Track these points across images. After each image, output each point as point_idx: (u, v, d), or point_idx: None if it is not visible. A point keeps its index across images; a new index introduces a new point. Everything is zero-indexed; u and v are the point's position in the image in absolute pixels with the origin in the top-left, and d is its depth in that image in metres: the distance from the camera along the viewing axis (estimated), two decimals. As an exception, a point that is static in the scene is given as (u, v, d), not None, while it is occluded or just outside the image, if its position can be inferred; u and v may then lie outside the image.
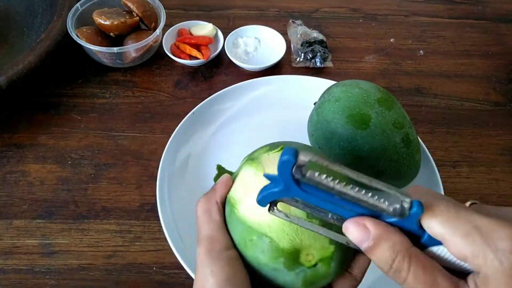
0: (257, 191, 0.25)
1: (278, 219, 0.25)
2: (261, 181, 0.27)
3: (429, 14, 0.70)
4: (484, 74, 0.62)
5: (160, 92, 0.58)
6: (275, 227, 0.26)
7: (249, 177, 0.29)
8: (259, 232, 0.26)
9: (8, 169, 0.50)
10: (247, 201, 0.27)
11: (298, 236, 0.26)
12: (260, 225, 0.26)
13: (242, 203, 0.28)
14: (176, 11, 0.68)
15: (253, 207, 0.26)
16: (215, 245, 0.27)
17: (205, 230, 0.28)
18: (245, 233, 0.27)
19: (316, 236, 0.26)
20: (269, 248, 0.26)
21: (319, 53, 0.60)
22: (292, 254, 0.26)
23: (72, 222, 0.46)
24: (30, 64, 0.51)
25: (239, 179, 0.30)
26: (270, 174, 0.24)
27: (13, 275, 0.42)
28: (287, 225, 0.26)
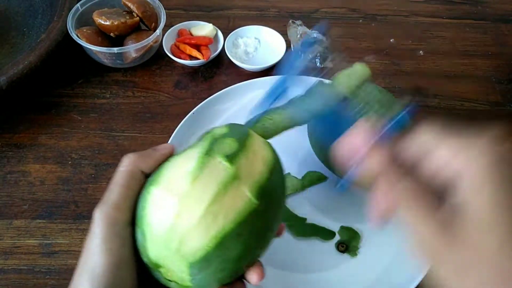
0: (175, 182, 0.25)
1: (167, 233, 0.25)
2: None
3: (429, 15, 0.70)
4: (484, 74, 0.62)
5: (160, 92, 0.58)
6: (155, 239, 0.25)
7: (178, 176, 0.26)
8: (142, 227, 0.26)
9: (8, 169, 0.50)
10: (161, 199, 0.26)
11: (165, 260, 0.25)
12: (147, 223, 0.25)
13: (157, 188, 0.26)
14: (176, 11, 0.68)
15: (159, 211, 0.25)
16: (120, 216, 0.25)
17: (118, 193, 0.26)
18: (140, 221, 0.26)
19: (177, 266, 0.25)
20: (141, 248, 0.26)
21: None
22: (154, 265, 0.26)
23: (72, 222, 0.46)
24: (30, 64, 0.51)
25: (174, 168, 0.27)
26: None
27: (13, 275, 0.42)
28: (169, 248, 0.24)
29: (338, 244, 0.44)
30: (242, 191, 0.25)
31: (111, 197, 0.26)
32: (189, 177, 0.25)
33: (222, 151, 0.27)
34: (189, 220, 0.24)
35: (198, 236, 0.24)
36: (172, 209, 0.24)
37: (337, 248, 0.44)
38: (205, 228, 0.24)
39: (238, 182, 0.25)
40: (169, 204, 0.25)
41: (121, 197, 0.26)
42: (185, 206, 0.24)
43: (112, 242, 0.24)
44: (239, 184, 0.25)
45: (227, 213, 0.24)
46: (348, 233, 0.44)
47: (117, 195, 0.26)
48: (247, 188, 0.25)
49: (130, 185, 0.27)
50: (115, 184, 0.27)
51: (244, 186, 0.25)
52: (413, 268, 0.41)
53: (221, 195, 0.25)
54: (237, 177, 0.25)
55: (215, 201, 0.24)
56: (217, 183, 0.25)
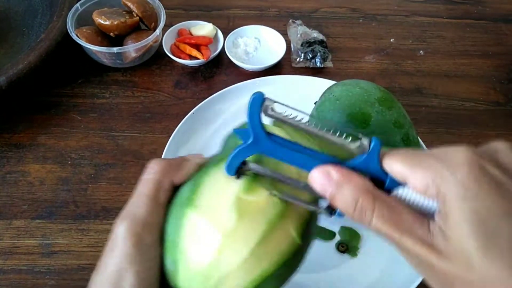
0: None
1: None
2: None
3: (429, 14, 0.70)
4: (484, 74, 0.62)
5: (160, 92, 0.58)
6: (192, 272, 0.23)
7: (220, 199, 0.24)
8: (175, 255, 0.24)
9: (8, 169, 0.50)
10: (204, 230, 0.23)
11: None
12: (182, 252, 0.23)
13: (196, 214, 0.23)
14: (176, 11, 0.68)
15: (201, 243, 0.23)
16: (147, 235, 0.23)
17: (145, 207, 0.23)
18: (172, 246, 0.24)
19: None
20: (171, 276, 0.24)
21: (319, 53, 0.60)
22: None
23: (72, 222, 0.46)
24: (30, 64, 0.51)
25: (215, 190, 0.24)
26: (239, 128, 0.23)
27: (13, 275, 0.42)
28: (206, 285, 0.23)
29: (339, 245, 0.44)
30: (288, 231, 0.24)
31: (137, 211, 0.23)
32: (235, 210, 0.23)
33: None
34: (232, 260, 0.23)
35: (240, 277, 0.23)
36: (215, 244, 0.23)
37: (338, 248, 0.44)
38: (248, 270, 0.23)
39: (285, 221, 0.24)
40: (211, 238, 0.23)
41: (148, 211, 0.23)
42: (229, 244, 0.23)
43: (140, 265, 0.22)
44: (286, 223, 0.24)
45: (272, 256, 0.23)
46: (348, 233, 0.44)
47: (144, 209, 0.23)
48: (293, 227, 0.24)
49: (158, 198, 0.24)
50: (140, 195, 0.24)
51: (290, 225, 0.24)
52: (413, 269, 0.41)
53: (268, 235, 0.23)
54: (285, 215, 0.24)
55: (261, 242, 0.23)
56: (265, 221, 0.23)
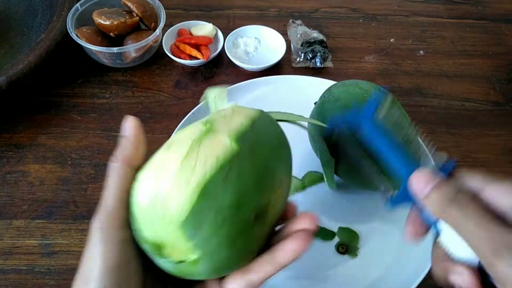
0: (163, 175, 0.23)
1: (150, 209, 0.23)
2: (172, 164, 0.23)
3: (429, 14, 0.70)
4: (484, 74, 0.62)
5: (160, 92, 0.58)
6: (143, 215, 0.23)
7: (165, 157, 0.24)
8: (132, 213, 0.24)
9: (8, 169, 0.50)
10: (145, 178, 0.24)
11: (159, 233, 0.23)
12: (137, 209, 0.24)
13: (140, 179, 0.24)
14: (176, 11, 0.68)
15: (143, 187, 0.24)
16: (112, 221, 0.24)
17: (110, 198, 0.25)
18: (131, 209, 0.25)
19: (172, 236, 0.23)
20: (137, 234, 0.24)
21: (319, 53, 0.60)
22: (155, 246, 0.24)
23: (72, 222, 0.46)
24: (30, 64, 0.51)
25: (159, 152, 0.25)
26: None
27: (13, 275, 0.42)
28: (157, 218, 0.23)
29: (338, 246, 0.44)
30: (219, 139, 0.24)
31: (105, 204, 0.25)
32: (165, 147, 0.25)
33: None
34: (166, 180, 0.23)
35: (179, 191, 0.22)
36: (152, 179, 0.23)
37: (337, 249, 0.43)
38: (184, 182, 0.22)
39: (214, 134, 0.24)
40: (149, 177, 0.24)
41: (114, 200, 0.25)
42: (160, 170, 0.23)
43: (108, 245, 0.23)
44: (215, 135, 0.24)
45: (205, 161, 0.23)
46: (347, 234, 0.44)
47: (110, 199, 0.25)
48: (225, 135, 0.24)
49: (119, 185, 0.25)
50: (106, 188, 0.26)
51: (221, 135, 0.24)
52: (414, 268, 0.41)
53: (196, 148, 0.23)
54: (212, 130, 0.24)
55: (189, 154, 0.23)
56: (190, 139, 0.24)
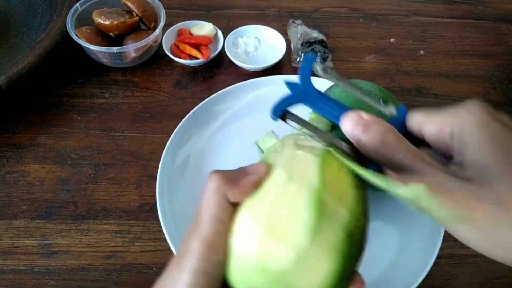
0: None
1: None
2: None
3: (429, 14, 0.70)
4: (484, 74, 0.62)
5: (159, 92, 0.58)
6: (242, 267, 0.23)
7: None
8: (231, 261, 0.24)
9: (7, 169, 0.49)
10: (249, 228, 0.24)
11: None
12: (237, 257, 0.24)
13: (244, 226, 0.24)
14: (176, 11, 0.68)
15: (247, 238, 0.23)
16: (213, 255, 0.24)
17: (211, 227, 0.24)
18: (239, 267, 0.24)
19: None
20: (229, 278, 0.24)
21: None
22: None
23: (72, 222, 0.46)
24: (29, 64, 0.51)
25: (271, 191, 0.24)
26: (290, 80, 0.28)
27: (13, 276, 0.42)
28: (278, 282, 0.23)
29: None
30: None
31: (201, 229, 0.24)
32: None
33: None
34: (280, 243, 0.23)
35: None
36: (259, 234, 0.23)
37: None
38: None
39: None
40: (256, 230, 0.23)
41: (214, 232, 0.24)
42: (272, 230, 0.23)
43: (201, 279, 0.23)
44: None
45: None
46: None
47: (211, 229, 0.24)
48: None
49: (222, 218, 0.24)
50: (205, 212, 0.25)
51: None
52: (414, 268, 0.41)
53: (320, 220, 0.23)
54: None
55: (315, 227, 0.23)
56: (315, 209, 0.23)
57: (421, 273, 0.40)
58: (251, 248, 0.23)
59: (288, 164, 0.25)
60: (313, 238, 0.22)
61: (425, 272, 0.40)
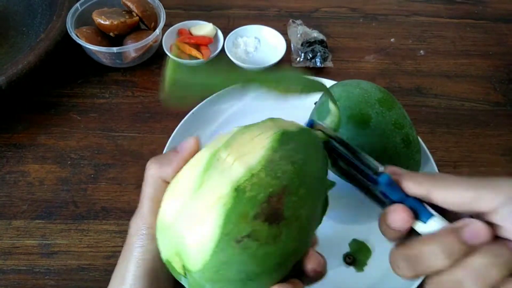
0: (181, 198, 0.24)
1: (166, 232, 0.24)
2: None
3: (429, 14, 0.70)
4: (484, 74, 0.62)
5: (160, 92, 0.58)
6: (162, 234, 0.25)
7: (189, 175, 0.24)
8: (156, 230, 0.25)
9: (7, 169, 0.49)
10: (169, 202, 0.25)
11: (168, 249, 0.24)
12: (159, 226, 0.25)
13: (166, 200, 0.25)
14: (176, 11, 0.68)
15: (167, 208, 0.24)
16: (147, 230, 0.27)
17: (147, 207, 0.27)
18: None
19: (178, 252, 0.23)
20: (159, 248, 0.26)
21: (319, 53, 0.60)
22: (168, 263, 0.25)
23: (72, 222, 0.46)
24: (29, 64, 0.51)
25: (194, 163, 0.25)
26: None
27: (13, 276, 0.42)
28: (168, 236, 0.24)
29: (346, 256, 0.43)
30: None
31: (142, 212, 0.27)
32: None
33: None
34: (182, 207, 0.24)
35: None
36: (172, 203, 0.24)
37: (344, 259, 0.43)
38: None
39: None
40: (169, 201, 0.25)
41: (150, 211, 0.27)
42: (175, 195, 0.24)
43: (142, 252, 0.26)
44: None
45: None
46: (359, 247, 0.43)
47: (147, 209, 0.27)
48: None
49: (157, 197, 0.26)
50: (143, 196, 0.28)
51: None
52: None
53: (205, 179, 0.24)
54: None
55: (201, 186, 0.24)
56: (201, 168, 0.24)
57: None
58: (160, 212, 0.25)
59: (215, 140, 0.26)
60: (195, 191, 0.23)
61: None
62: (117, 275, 0.27)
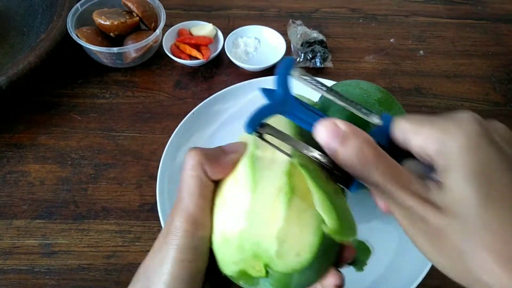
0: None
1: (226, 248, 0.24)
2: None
3: (429, 14, 0.70)
4: (484, 74, 0.62)
5: (160, 92, 0.58)
6: (225, 251, 0.24)
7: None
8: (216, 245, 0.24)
9: (8, 169, 0.50)
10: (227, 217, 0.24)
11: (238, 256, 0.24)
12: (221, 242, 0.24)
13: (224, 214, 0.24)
14: (176, 11, 0.68)
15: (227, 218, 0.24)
16: (199, 231, 0.24)
17: (194, 205, 0.24)
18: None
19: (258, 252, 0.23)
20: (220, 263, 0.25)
21: (319, 53, 0.60)
22: (241, 272, 0.24)
23: (72, 222, 0.46)
24: (30, 64, 0.51)
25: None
26: (267, 88, 0.25)
27: (13, 275, 0.42)
28: (235, 246, 0.23)
29: None
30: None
31: (183, 207, 0.24)
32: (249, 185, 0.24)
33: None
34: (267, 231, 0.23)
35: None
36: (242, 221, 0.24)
37: None
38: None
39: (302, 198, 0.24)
40: (236, 218, 0.24)
41: (197, 209, 0.24)
42: (255, 217, 0.24)
43: (187, 254, 0.24)
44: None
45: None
46: (360, 247, 0.43)
47: (192, 204, 0.24)
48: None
49: (204, 195, 0.25)
50: (184, 190, 0.25)
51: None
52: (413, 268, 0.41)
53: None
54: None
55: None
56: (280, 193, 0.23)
57: (421, 273, 0.40)
58: (217, 226, 0.24)
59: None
60: (253, 192, 0.23)
61: (425, 272, 0.40)
62: (144, 276, 0.24)
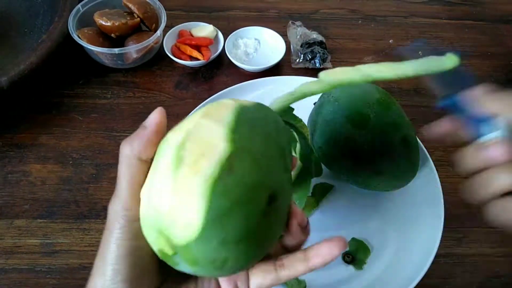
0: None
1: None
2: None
3: (428, 15, 0.71)
4: (483, 74, 0.62)
5: (161, 93, 0.58)
6: (147, 226, 0.24)
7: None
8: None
9: (9, 169, 0.50)
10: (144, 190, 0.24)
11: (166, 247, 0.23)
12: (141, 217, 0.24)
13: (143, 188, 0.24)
14: (177, 12, 0.68)
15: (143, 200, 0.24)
16: (126, 212, 0.25)
17: (123, 188, 0.25)
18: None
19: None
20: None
21: (318, 54, 0.60)
22: (161, 253, 0.24)
23: (73, 221, 0.46)
24: (31, 64, 0.51)
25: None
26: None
27: (14, 275, 0.43)
28: (150, 221, 0.23)
29: (344, 255, 0.43)
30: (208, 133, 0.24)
31: (119, 193, 0.26)
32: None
33: None
34: (164, 195, 0.23)
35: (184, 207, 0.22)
36: (149, 193, 0.24)
37: (343, 258, 0.43)
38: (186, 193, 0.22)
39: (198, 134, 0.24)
40: (147, 189, 0.24)
41: (128, 192, 0.26)
42: (155, 183, 0.24)
43: (123, 234, 0.25)
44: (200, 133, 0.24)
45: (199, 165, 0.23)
46: (358, 246, 0.44)
47: (124, 191, 0.26)
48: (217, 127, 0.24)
49: (133, 175, 0.26)
50: (119, 177, 0.26)
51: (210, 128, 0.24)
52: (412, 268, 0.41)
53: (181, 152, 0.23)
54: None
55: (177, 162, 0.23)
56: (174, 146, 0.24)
57: (420, 272, 0.40)
58: (141, 202, 0.24)
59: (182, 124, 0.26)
60: (154, 167, 0.24)
61: (424, 271, 0.40)
62: (98, 259, 0.26)
